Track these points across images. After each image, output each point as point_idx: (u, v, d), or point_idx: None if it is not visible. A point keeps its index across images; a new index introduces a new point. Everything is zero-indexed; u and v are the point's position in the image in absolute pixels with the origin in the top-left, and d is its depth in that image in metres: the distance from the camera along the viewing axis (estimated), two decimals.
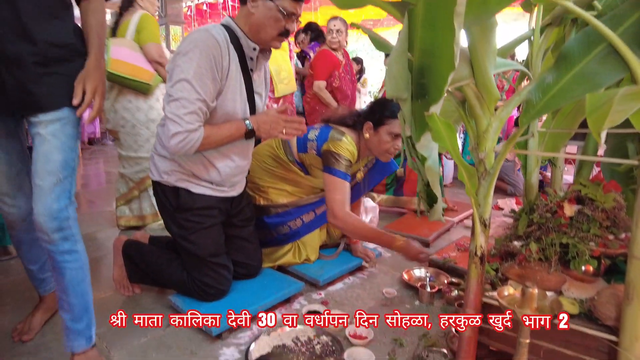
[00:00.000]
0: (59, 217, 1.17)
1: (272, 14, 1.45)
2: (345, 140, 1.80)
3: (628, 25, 0.89)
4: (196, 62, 1.38)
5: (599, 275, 1.17)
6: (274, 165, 1.97)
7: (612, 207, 1.13)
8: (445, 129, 0.82)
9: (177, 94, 1.38)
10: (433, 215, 1.02)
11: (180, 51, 1.41)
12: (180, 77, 1.38)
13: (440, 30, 0.81)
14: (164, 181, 1.58)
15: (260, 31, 1.49)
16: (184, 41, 1.44)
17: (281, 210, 1.97)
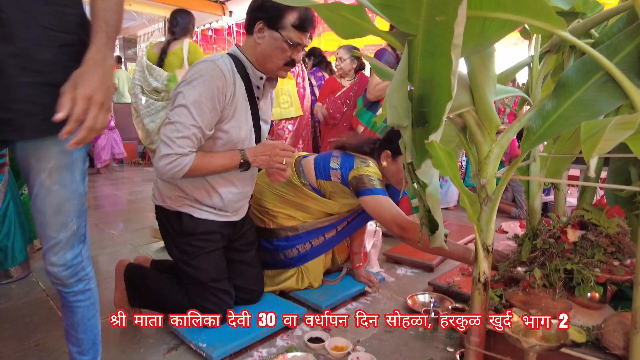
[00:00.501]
0: (74, 264, 1.07)
1: (279, 44, 1.47)
2: (371, 165, 1.82)
3: (624, 55, 0.91)
4: (198, 90, 1.40)
5: (605, 302, 1.16)
6: (286, 189, 1.96)
7: (616, 232, 1.13)
8: (446, 156, 0.83)
9: (174, 118, 1.40)
10: (435, 241, 1.02)
11: (185, 79, 1.44)
12: (180, 103, 1.40)
13: (438, 60, 0.83)
14: (167, 206, 1.58)
15: (267, 61, 1.52)
16: (190, 70, 1.46)
17: (291, 234, 1.96)
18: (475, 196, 0.97)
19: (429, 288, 2.07)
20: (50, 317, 1.82)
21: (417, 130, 0.96)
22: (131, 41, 10.69)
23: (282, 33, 1.46)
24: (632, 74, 0.89)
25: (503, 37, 0.99)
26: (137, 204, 4.21)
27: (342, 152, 1.93)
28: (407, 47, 0.90)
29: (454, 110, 1.05)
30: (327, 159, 1.91)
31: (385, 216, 1.72)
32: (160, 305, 1.71)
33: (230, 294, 1.65)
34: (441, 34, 0.80)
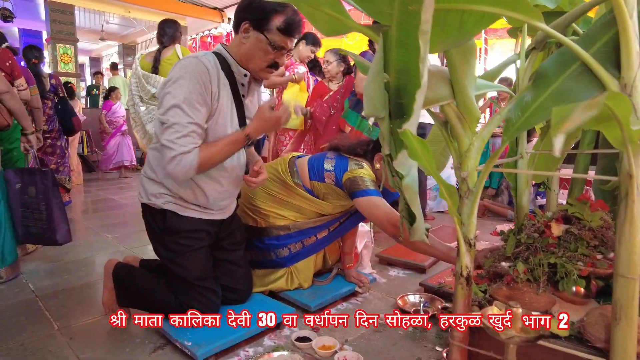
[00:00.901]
0: None
1: (262, 46, 1.48)
2: (365, 168, 1.82)
3: (600, 45, 0.91)
4: (186, 87, 1.41)
5: (590, 297, 1.15)
6: (278, 189, 1.95)
7: (600, 226, 1.12)
8: (420, 146, 0.83)
9: (170, 120, 1.40)
10: (414, 234, 1.01)
11: (171, 78, 1.44)
12: (171, 104, 1.41)
13: (412, 50, 0.83)
14: (152, 203, 1.58)
15: (250, 61, 1.53)
16: (174, 68, 1.47)
17: (283, 233, 1.95)
18: (453, 188, 0.96)
19: (420, 289, 2.06)
20: (38, 318, 1.81)
21: (394, 121, 0.96)
22: (130, 48, 10.77)
23: (266, 35, 1.46)
24: (607, 64, 0.89)
25: (482, 30, 1.00)
26: (133, 208, 4.21)
27: (336, 153, 1.93)
28: (381, 38, 0.90)
29: (434, 102, 1.05)
30: (321, 160, 1.91)
31: (379, 216, 1.71)
32: (148, 304, 1.70)
33: (216, 293, 1.64)
34: (414, 22, 0.80)
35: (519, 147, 1.51)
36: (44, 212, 2.24)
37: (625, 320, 0.88)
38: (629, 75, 0.86)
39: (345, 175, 1.80)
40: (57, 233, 2.25)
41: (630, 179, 0.84)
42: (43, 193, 2.22)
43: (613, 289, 0.91)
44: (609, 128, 0.79)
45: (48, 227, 2.23)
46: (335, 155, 1.92)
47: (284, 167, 1.96)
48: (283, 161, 2.00)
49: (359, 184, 1.76)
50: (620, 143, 0.81)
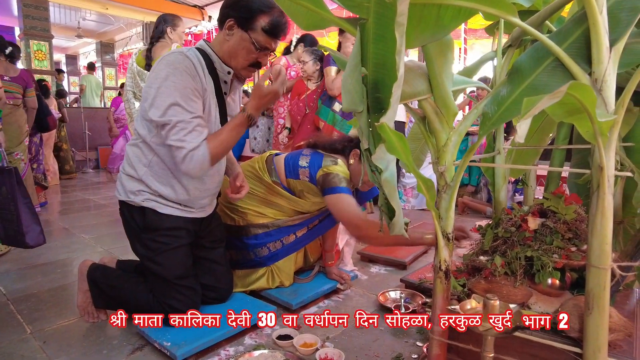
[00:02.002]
0: None
1: (245, 45, 1.47)
2: (340, 164, 1.81)
3: (573, 40, 0.93)
4: (180, 83, 1.38)
5: (565, 289, 1.17)
6: (256, 187, 1.94)
7: (574, 219, 1.14)
8: (397, 139, 0.83)
9: (173, 120, 1.37)
10: (394, 228, 1.01)
11: (159, 75, 1.40)
12: (169, 103, 1.37)
13: (389, 42, 0.83)
14: (130, 201, 1.55)
15: (232, 59, 1.52)
16: (159, 64, 1.43)
17: (261, 231, 1.94)
18: (431, 181, 0.97)
19: (401, 285, 2.07)
20: (9, 322, 1.75)
21: (373, 116, 0.96)
22: (109, 46, 10.53)
23: (250, 35, 1.45)
24: (579, 59, 0.91)
25: (459, 25, 1.00)
26: (110, 209, 4.12)
27: (312, 150, 1.92)
28: (359, 31, 0.89)
29: (411, 97, 1.05)
30: (297, 157, 1.90)
31: (343, 215, 1.72)
32: (125, 305, 1.66)
33: (196, 292, 1.62)
34: (390, 15, 0.80)
35: (497, 143, 1.53)
36: (14, 213, 2.15)
37: (597, 310, 0.90)
38: (599, 69, 0.88)
39: (319, 171, 1.80)
40: (27, 235, 2.09)
41: (601, 171, 0.86)
42: (11, 193, 2.13)
43: (586, 280, 0.93)
44: (581, 121, 0.81)
45: (18, 228, 2.14)
46: (311, 152, 1.92)
47: (261, 165, 1.95)
48: (261, 159, 1.99)
49: (330, 181, 1.76)
50: (591, 136, 0.83)
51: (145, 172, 1.52)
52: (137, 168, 1.54)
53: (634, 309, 1.22)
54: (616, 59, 0.89)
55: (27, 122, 3.50)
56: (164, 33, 2.71)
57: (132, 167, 1.56)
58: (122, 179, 1.59)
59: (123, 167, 1.61)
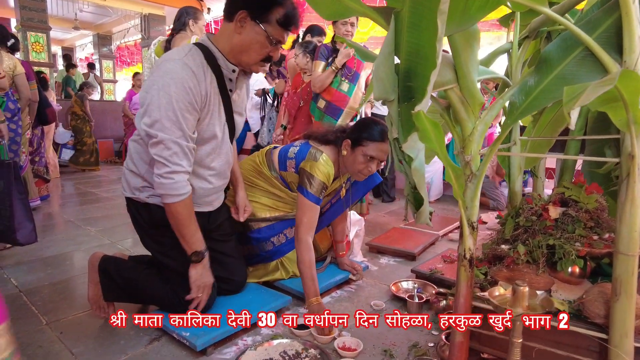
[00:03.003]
0: None
1: (259, 38, 1.39)
2: (321, 161, 1.76)
3: (603, 30, 0.93)
4: (173, 96, 1.32)
5: (585, 277, 1.18)
6: (258, 180, 1.95)
7: (595, 208, 1.16)
8: (433, 128, 0.84)
9: (159, 136, 1.33)
10: (419, 218, 1.02)
11: (155, 82, 1.34)
12: (158, 117, 1.32)
13: (424, 32, 0.84)
14: (136, 197, 1.53)
15: (243, 53, 1.44)
16: (158, 71, 1.37)
17: (264, 224, 1.94)
18: (460, 170, 0.97)
19: (412, 275, 2.09)
20: (24, 313, 1.75)
21: (403, 105, 0.97)
22: (106, 38, 10.43)
23: (265, 28, 1.37)
24: (609, 49, 0.92)
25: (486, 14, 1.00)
26: (114, 201, 4.10)
27: (304, 141, 1.92)
28: (393, 20, 0.90)
29: (438, 87, 1.06)
30: (288, 148, 1.90)
31: (298, 217, 1.74)
32: (139, 297, 1.65)
33: (213, 284, 1.62)
34: (427, 4, 0.80)
35: (513, 134, 1.55)
36: (8, 209, 2.08)
37: (625, 296, 0.92)
38: (631, 58, 0.88)
39: (302, 164, 1.80)
40: (18, 232, 2.01)
41: (632, 159, 0.87)
42: (7, 187, 2.07)
43: (613, 266, 0.94)
44: (614, 109, 0.82)
45: (10, 224, 2.01)
46: (302, 142, 1.91)
47: (261, 158, 1.96)
48: (261, 153, 2.00)
49: (304, 181, 1.75)
50: (624, 124, 0.84)
51: (147, 170, 1.50)
52: (138, 165, 1.52)
53: None
54: None
55: (29, 115, 3.48)
56: (185, 25, 2.69)
57: (134, 163, 1.53)
58: (126, 175, 1.57)
59: (127, 163, 1.58)
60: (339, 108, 2.90)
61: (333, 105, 2.89)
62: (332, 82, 2.86)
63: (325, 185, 1.77)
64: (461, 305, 1.13)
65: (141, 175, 1.52)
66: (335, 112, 2.90)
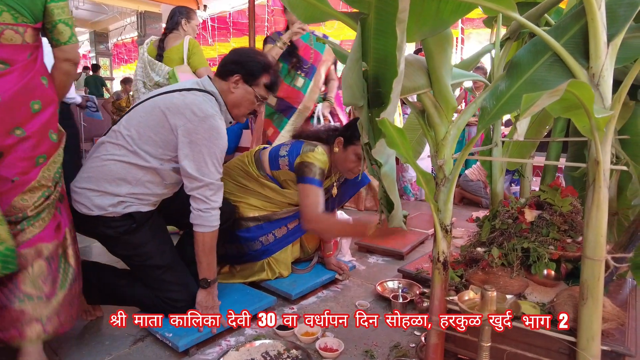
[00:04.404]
0: None
1: (250, 97, 1.63)
2: (317, 151, 1.82)
3: (571, 35, 0.94)
4: (218, 148, 1.51)
5: (560, 279, 1.19)
6: (246, 180, 1.96)
7: (570, 211, 1.16)
8: (397, 134, 0.84)
9: (206, 180, 1.49)
10: (392, 221, 1.03)
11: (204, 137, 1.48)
12: (205, 164, 1.49)
13: (390, 38, 0.84)
14: (108, 214, 1.50)
15: (235, 108, 1.66)
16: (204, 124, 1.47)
17: (252, 224, 1.95)
18: (430, 175, 0.98)
19: (399, 275, 2.10)
20: None
21: (374, 110, 0.97)
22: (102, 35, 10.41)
23: (255, 89, 1.62)
24: (577, 54, 0.92)
25: (458, 19, 1.01)
26: None
27: (294, 140, 1.95)
28: (359, 26, 0.90)
29: (411, 91, 1.06)
30: (279, 148, 1.92)
31: (303, 204, 1.77)
32: (120, 299, 1.66)
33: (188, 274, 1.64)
34: (391, 11, 0.81)
35: (494, 136, 1.55)
36: None
37: (591, 300, 0.93)
38: (596, 64, 0.89)
39: (298, 158, 1.82)
40: None
41: (597, 165, 0.87)
42: None
43: (581, 271, 0.95)
44: (578, 116, 0.82)
45: None
46: (293, 141, 1.93)
47: (250, 158, 1.98)
48: (250, 153, 2.02)
49: (305, 171, 1.78)
50: (588, 131, 0.84)
51: (129, 190, 1.51)
52: (118, 186, 1.50)
53: (626, 299, 1.25)
54: (614, 54, 0.90)
55: None
56: (178, 24, 2.70)
57: (110, 184, 1.50)
58: (89, 196, 1.50)
59: (89, 184, 1.50)
60: (292, 106, 2.69)
61: (285, 103, 2.68)
62: (285, 77, 2.64)
63: (323, 171, 1.81)
64: (436, 307, 1.14)
65: (119, 195, 1.50)
66: (287, 111, 2.71)
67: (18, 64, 1.24)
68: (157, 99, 1.54)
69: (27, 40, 1.26)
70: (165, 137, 1.50)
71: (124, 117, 1.58)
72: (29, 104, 1.26)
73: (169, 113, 1.48)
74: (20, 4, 1.21)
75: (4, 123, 1.21)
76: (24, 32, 1.24)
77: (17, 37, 1.23)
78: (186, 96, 1.52)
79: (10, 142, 1.22)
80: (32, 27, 1.26)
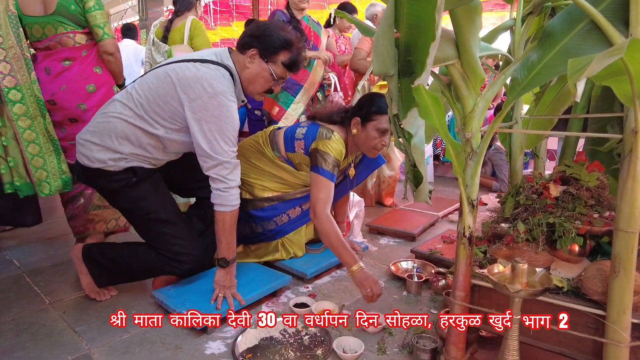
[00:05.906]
0: None
1: (264, 74, 1.57)
2: (334, 139, 1.77)
3: (609, 2, 0.91)
4: (231, 126, 1.48)
5: (584, 255, 1.18)
6: (259, 161, 1.94)
7: (596, 186, 1.15)
8: (433, 102, 0.82)
9: (220, 159, 1.48)
10: (419, 196, 1.02)
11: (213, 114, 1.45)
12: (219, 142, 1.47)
13: (424, 2, 0.81)
14: (107, 167, 1.51)
15: (250, 84, 1.60)
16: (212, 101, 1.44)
17: (267, 204, 1.94)
18: (461, 147, 0.96)
19: (412, 255, 2.10)
20: (27, 293, 1.77)
21: (403, 80, 0.95)
22: None
23: (270, 66, 1.55)
24: (616, 21, 0.89)
25: None
26: None
27: (310, 122, 1.90)
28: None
29: (439, 62, 1.03)
30: (295, 129, 1.89)
31: (314, 195, 1.72)
32: (130, 273, 1.67)
33: (192, 226, 1.67)
34: None
35: (514, 112, 1.52)
36: None
37: (624, 273, 0.92)
38: (637, 31, 0.86)
39: (313, 144, 1.78)
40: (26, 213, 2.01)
41: (636, 135, 0.85)
42: None
43: (613, 244, 0.94)
44: (618, 83, 0.80)
45: (16, 206, 1.98)
46: (309, 123, 1.90)
47: (264, 138, 1.95)
48: (264, 133, 1.99)
49: (319, 160, 1.74)
50: (629, 99, 0.82)
51: (131, 150, 1.52)
52: (121, 145, 1.51)
53: None
54: None
55: None
56: (192, 5, 2.70)
57: (112, 141, 1.51)
58: (91, 149, 1.51)
59: (92, 138, 1.52)
60: (298, 83, 2.72)
61: (291, 80, 2.67)
62: None
63: (338, 162, 1.77)
64: (460, 283, 1.14)
65: (122, 152, 1.51)
66: (294, 88, 2.73)
67: (76, 60, 1.87)
68: (170, 67, 1.51)
69: (78, 42, 1.88)
70: (174, 109, 1.48)
71: (137, 79, 1.57)
72: (85, 87, 1.88)
73: (178, 84, 1.47)
74: (68, 17, 1.82)
75: (72, 100, 1.87)
76: (73, 36, 1.86)
77: (70, 41, 1.86)
78: (199, 69, 1.48)
79: (79, 112, 1.88)
80: (79, 32, 1.87)
